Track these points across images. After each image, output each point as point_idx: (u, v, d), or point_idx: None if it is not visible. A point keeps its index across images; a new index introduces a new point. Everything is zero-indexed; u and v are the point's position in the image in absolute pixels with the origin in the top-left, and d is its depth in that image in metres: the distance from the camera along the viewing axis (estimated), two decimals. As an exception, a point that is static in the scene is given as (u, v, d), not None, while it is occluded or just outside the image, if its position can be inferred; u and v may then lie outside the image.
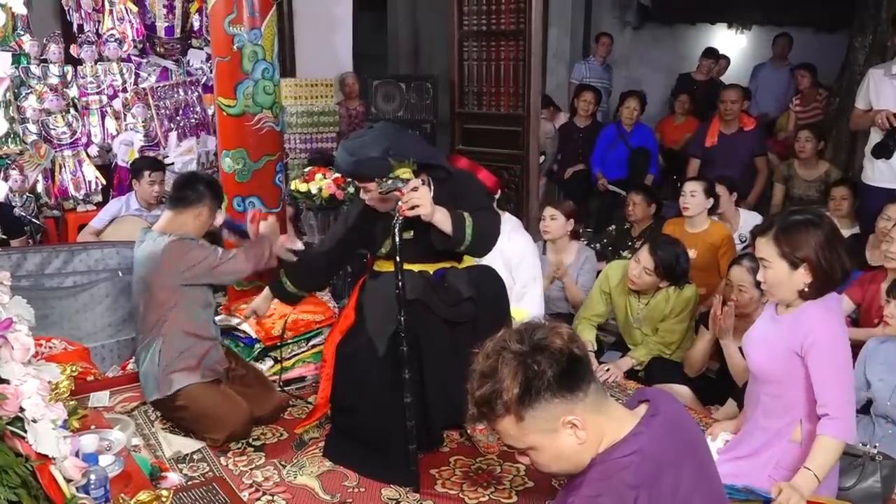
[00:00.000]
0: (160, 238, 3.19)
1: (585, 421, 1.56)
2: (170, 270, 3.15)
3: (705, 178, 4.72)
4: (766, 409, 2.56)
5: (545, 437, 1.58)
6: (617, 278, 3.92)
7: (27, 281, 4.03)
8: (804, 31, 8.10)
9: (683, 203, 4.55)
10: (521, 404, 1.54)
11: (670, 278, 3.73)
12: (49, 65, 5.82)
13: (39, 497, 1.73)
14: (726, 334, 3.20)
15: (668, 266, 3.69)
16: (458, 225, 2.83)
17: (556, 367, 1.53)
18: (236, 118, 4.41)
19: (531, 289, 3.95)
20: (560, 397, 1.54)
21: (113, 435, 2.51)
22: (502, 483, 2.92)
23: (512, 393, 1.53)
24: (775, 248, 2.42)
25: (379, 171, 2.81)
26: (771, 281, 2.47)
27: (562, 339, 1.56)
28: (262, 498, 2.79)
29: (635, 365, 3.80)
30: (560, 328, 1.59)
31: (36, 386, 1.83)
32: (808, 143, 5.45)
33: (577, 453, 1.60)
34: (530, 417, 1.55)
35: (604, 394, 1.63)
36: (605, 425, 1.59)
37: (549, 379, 1.53)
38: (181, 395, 3.18)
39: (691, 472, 1.60)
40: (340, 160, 2.94)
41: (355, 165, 2.87)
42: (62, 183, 5.74)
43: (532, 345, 1.56)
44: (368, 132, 3.01)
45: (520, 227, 4.16)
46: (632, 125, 6.34)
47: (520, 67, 5.44)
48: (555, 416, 1.55)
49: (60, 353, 3.59)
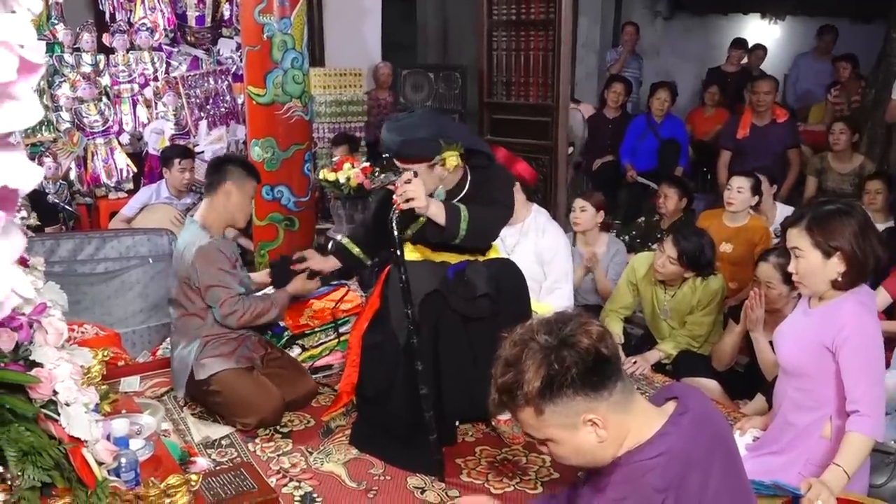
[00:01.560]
0: (200, 232, 3.21)
1: (607, 420, 1.55)
2: (198, 275, 3.18)
3: (753, 175, 4.62)
4: (794, 404, 2.53)
5: (564, 432, 1.57)
6: (644, 269, 3.90)
7: (60, 267, 4.09)
8: (840, 21, 7.96)
9: (729, 197, 4.49)
10: (542, 398, 1.53)
11: (695, 268, 3.70)
12: (82, 53, 5.89)
13: (72, 479, 1.76)
14: (756, 326, 3.18)
15: (692, 256, 3.66)
16: (452, 218, 2.80)
17: (581, 366, 1.51)
18: (266, 107, 4.44)
19: (562, 284, 3.93)
20: (583, 395, 1.53)
21: (143, 419, 2.54)
22: (528, 474, 2.92)
23: (533, 386, 1.52)
24: (808, 237, 2.40)
25: (429, 151, 2.81)
26: (803, 271, 2.44)
27: (590, 337, 1.53)
28: (289, 484, 2.82)
29: (663, 358, 3.78)
30: (590, 325, 1.57)
31: (69, 370, 1.86)
32: (842, 136, 5.37)
33: (596, 450, 1.58)
34: (550, 412, 1.54)
35: (630, 392, 1.60)
36: (630, 424, 1.58)
37: (572, 376, 1.51)
38: (214, 381, 3.22)
39: (720, 470, 1.58)
40: (388, 140, 2.88)
41: (404, 145, 2.84)
42: (94, 170, 5.82)
43: (560, 339, 1.54)
44: (413, 115, 2.98)
45: (553, 222, 4.13)
46: (662, 116, 6.29)
47: (549, 57, 5.41)
48: (575, 412, 1.54)
49: (92, 338, 3.64)
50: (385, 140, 2.90)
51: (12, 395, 1.75)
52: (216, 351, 3.25)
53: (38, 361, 1.84)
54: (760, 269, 3.44)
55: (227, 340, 3.29)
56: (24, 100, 0.97)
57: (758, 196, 4.52)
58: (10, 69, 0.92)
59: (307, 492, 2.77)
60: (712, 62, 8.17)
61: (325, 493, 2.77)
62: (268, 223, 4.64)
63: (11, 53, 0.92)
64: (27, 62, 0.95)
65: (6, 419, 1.71)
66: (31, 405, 1.77)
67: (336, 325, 3.87)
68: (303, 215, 4.73)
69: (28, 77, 0.96)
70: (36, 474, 1.69)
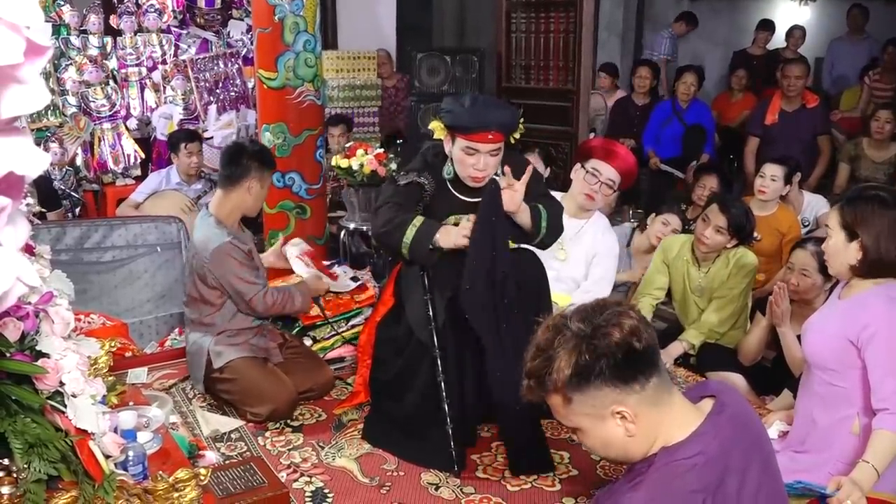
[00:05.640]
0: (216, 230, 3.22)
1: (638, 414, 1.55)
2: (218, 276, 3.22)
3: (787, 162, 4.58)
4: (821, 400, 2.52)
5: (591, 422, 1.58)
6: (675, 249, 3.89)
7: (66, 255, 4.13)
8: (875, 2, 7.87)
9: (761, 185, 4.46)
10: (570, 386, 1.54)
11: (739, 237, 3.70)
12: (88, 36, 5.92)
13: (79, 472, 1.78)
14: (783, 321, 3.16)
15: (739, 223, 3.66)
16: (534, 218, 2.90)
17: (612, 358, 1.52)
18: (277, 91, 4.44)
19: (600, 288, 3.79)
20: (612, 386, 1.53)
21: (151, 412, 2.56)
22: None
23: (563, 373, 1.54)
24: (838, 216, 2.42)
25: (513, 124, 2.86)
26: (829, 250, 2.48)
27: (622, 330, 1.53)
28: (300, 479, 2.83)
29: (687, 349, 3.76)
30: (625, 317, 1.56)
31: (76, 361, 1.88)
32: (887, 125, 5.29)
33: (625, 444, 1.59)
34: (578, 401, 1.55)
35: (667, 388, 1.60)
36: (663, 421, 1.58)
37: (601, 367, 1.52)
38: (228, 369, 3.26)
39: (757, 472, 1.58)
40: (482, 113, 2.79)
41: (513, 115, 2.88)
42: (101, 156, 5.85)
43: (593, 327, 1.54)
44: (465, 95, 2.99)
45: (610, 228, 4.04)
46: (688, 101, 6.24)
47: (570, 40, 5.39)
48: (603, 403, 1.55)
49: (99, 328, 3.67)
50: (477, 113, 2.79)
51: (18, 386, 1.77)
52: (232, 340, 3.30)
53: (44, 352, 1.85)
54: (796, 256, 3.43)
55: (242, 331, 3.34)
56: (31, 83, 0.97)
57: (788, 185, 4.50)
58: (16, 52, 0.92)
59: (318, 487, 2.78)
60: (740, 45, 8.11)
61: (336, 488, 2.78)
62: (278, 211, 4.65)
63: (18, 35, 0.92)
64: (34, 44, 0.95)
65: (12, 410, 1.73)
66: (37, 396, 1.79)
67: (348, 317, 3.89)
68: (315, 203, 4.73)
69: (35, 60, 0.96)
70: (42, 467, 1.70)
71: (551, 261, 3.63)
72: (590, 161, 3.76)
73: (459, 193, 2.98)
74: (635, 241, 4.56)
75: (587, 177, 3.73)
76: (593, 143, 3.99)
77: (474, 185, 2.89)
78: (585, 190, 3.73)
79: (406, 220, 2.88)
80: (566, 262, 3.78)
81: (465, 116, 2.79)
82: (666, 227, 4.36)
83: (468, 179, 2.89)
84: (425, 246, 2.87)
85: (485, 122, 2.77)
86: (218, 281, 3.23)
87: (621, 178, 3.76)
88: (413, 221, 2.87)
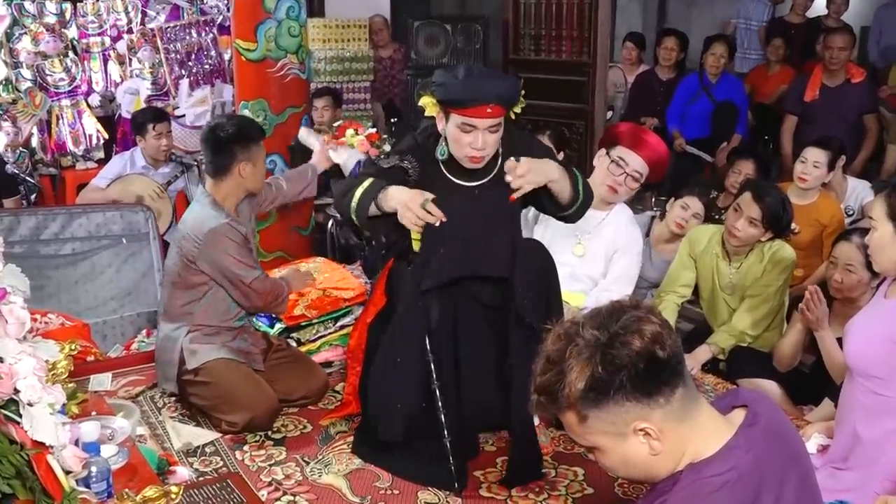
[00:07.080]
0: (212, 211, 3.26)
1: (663, 430, 1.54)
2: (207, 257, 3.24)
3: (831, 145, 4.53)
4: (865, 411, 2.52)
5: (611, 441, 1.57)
6: (705, 241, 3.88)
7: (21, 247, 4.13)
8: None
9: (802, 172, 4.44)
10: (585, 402, 1.53)
11: (775, 229, 3.68)
12: (45, 1, 5.90)
13: (35, 489, 1.78)
14: (820, 325, 3.16)
15: (774, 214, 3.62)
16: (572, 179, 2.90)
17: (632, 370, 1.50)
18: (256, 64, 4.43)
19: (620, 287, 3.73)
20: (633, 401, 1.52)
21: (116, 423, 2.57)
22: (556, 489, 2.92)
23: (576, 388, 1.52)
24: (884, 206, 2.41)
25: (514, 95, 2.82)
26: (874, 245, 2.47)
27: (643, 338, 1.51)
28: (283, 498, 2.83)
29: (716, 353, 3.77)
30: (646, 322, 1.54)
31: (32, 365, 1.87)
32: None
33: (649, 463, 1.58)
34: (595, 417, 1.54)
35: (694, 399, 1.59)
36: (690, 436, 1.57)
37: (620, 380, 1.50)
38: (203, 371, 3.27)
39: (794, 490, 1.58)
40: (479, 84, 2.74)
41: (512, 86, 2.84)
42: (59, 136, 5.84)
43: (610, 335, 1.52)
44: (459, 66, 2.93)
45: (634, 221, 4.00)
46: (717, 75, 6.21)
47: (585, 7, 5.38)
48: (624, 420, 1.54)
49: (57, 328, 3.67)
50: (472, 85, 2.74)
51: (-33, 394, 1.78)
52: (209, 339, 3.31)
53: (-4, 355, 1.86)
54: (839, 250, 3.41)
55: (221, 331, 3.35)
56: (-19, 55, 0.97)
57: (832, 171, 4.48)
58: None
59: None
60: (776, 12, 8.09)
61: (323, 508, 2.79)
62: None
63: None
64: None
65: (-39, 421, 1.73)
66: (-12, 405, 1.79)
67: (335, 317, 3.89)
68: (299, 189, 4.72)
69: (-15, 29, 0.96)
70: (-5, 484, 1.71)
71: (567, 256, 3.62)
72: (616, 148, 3.70)
73: (454, 177, 2.93)
74: (654, 230, 4.55)
75: (611, 166, 3.68)
76: (621, 129, 3.92)
77: (472, 166, 2.84)
78: (608, 181, 3.68)
79: (356, 182, 2.87)
80: (584, 257, 3.75)
81: (459, 89, 2.73)
82: (685, 212, 4.35)
83: (465, 160, 2.83)
84: (366, 206, 2.81)
85: (482, 94, 2.71)
86: (208, 266, 3.24)
87: (650, 171, 3.72)
88: (363, 182, 2.85)
